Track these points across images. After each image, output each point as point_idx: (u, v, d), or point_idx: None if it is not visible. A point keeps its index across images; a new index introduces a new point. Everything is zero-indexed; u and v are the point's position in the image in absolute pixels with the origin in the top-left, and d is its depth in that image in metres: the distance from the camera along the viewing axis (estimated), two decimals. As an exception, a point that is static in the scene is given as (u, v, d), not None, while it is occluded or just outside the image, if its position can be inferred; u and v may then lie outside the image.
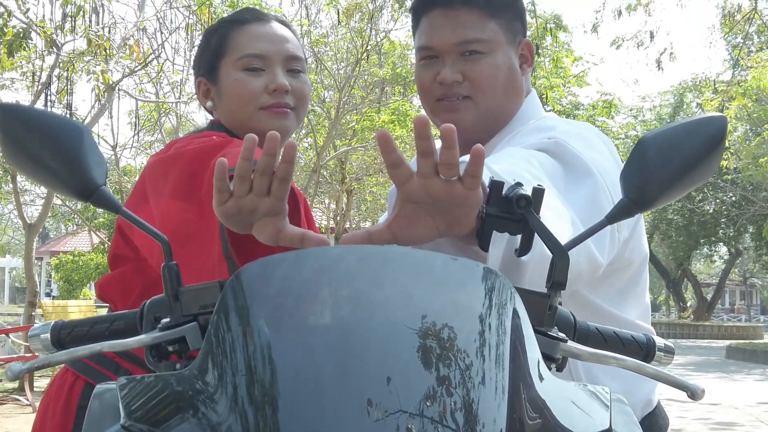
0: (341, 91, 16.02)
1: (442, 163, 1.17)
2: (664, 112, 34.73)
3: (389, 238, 1.25)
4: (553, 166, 1.61)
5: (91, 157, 1.21)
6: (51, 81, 11.38)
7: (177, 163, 1.81)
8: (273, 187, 1.30)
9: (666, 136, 1.26)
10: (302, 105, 2.02)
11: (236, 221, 1.34)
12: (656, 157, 1.24)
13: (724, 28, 16.84)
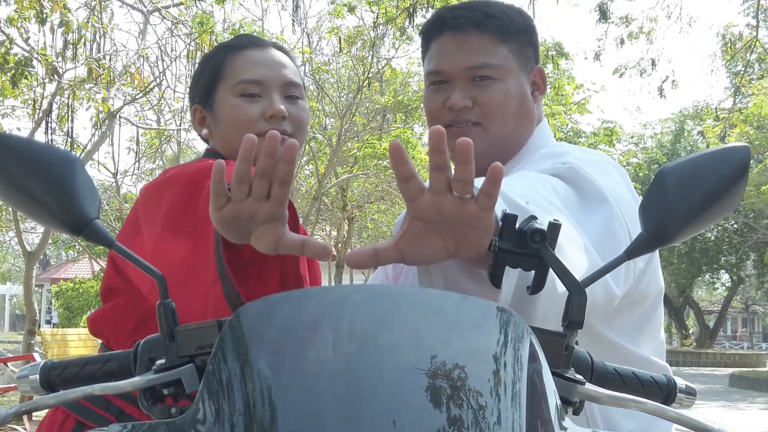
0: (343, 118, 16.00)
1: (456, 179, 1.11)
2: (665, 140, 34.76)
3: (396, 256, 1.19)
4: (566, 192, 1.56)
5: (84, 189, 1.15)
6: (52, 108, 11.35)
7: (172, 186, 1.75)
8: (273, 191, 1.24)
9: (686, 168, 1.20)
10: (300, 132, 1.97)
11: (234, 229, 1.28)
12: (676, 189, 1.18)
13: (725, 56, 16.85)
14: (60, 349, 11.01)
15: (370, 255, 1.20)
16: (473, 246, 1.17)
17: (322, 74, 16.84)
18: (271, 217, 1.26)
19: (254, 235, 1.29)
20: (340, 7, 14.61)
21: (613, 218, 1.54)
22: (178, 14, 13.08)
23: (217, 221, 1.27)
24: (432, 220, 1.16)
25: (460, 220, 1.14)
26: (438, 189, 1.12)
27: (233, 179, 1.22)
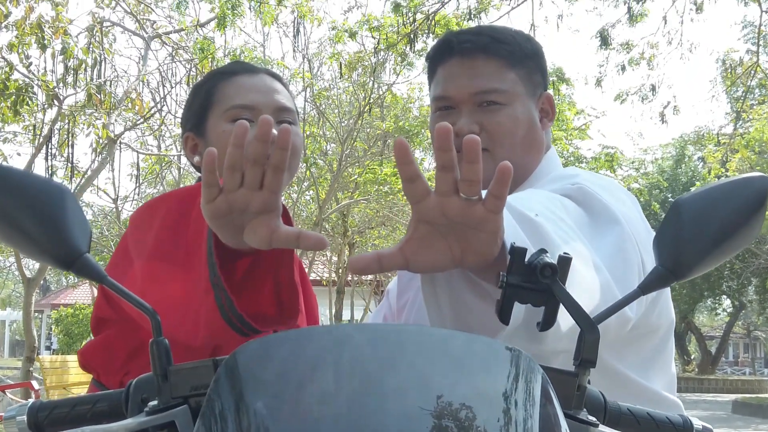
0: (343, 143, 16.00)
1: (462, 180, 1.06)
2: (666, 165, 34.76)
3: (400, 263, 1.14)
4: (576, 212, 1.51)
5: (74, 222, 1.11)
6: (52, 134, 11.33)
7: (162, 207, 1.72)
8: (266, 179, 1.20)
9: (702, 199, 1.16)
10: (293, 158, 1.91)
11: (226, 223, 1.24)
12: (692, 221, 1.14)
13: (726, 82, 16.85)
14: (59, 376, 10.92)
15: (373, 260, 1.14)
16: (480, 251, 1.12)
17: (323, 100, 16.85)
18: (264, 207, 1.22)
19: (247, 228, 1.25)
20: (340, 32, 14.63)
21: (624, 240, 1.49)
22: (179, 40, 13.11)
23: (209, 214, 1.23)
24: (438, 224, 1.11)
25: (467, 223, 1.09)
26: (444, 190, 1.07)
27: (225, 167, 1.18)
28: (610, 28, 14.23)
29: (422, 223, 1.12)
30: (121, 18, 12.72)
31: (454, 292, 1.27)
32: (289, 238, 1.24)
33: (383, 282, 23.34)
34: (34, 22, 10.08)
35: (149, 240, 1.65)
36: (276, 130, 1.83)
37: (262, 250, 1.41)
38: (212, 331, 1.48)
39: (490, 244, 1.11)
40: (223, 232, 1.27)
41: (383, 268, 1.14)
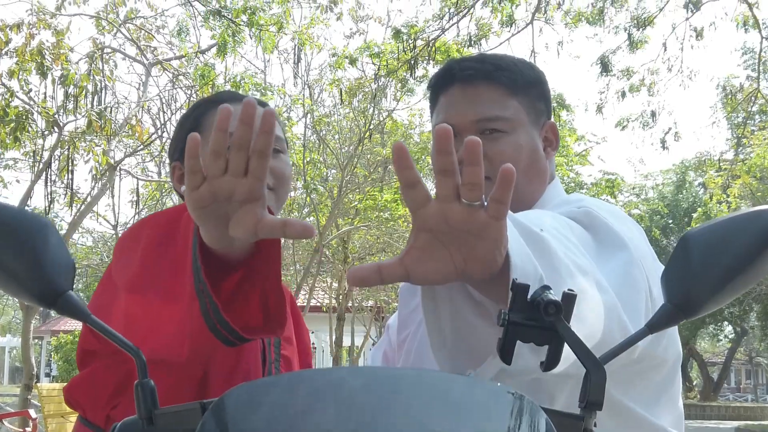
0: (344, 170, 15.98)
1: (464, 184, 1.02)
2: (667, 191, 34.73)
3: (401, 273, 1.10)
4: (583, 234, 1.47)
5: (57, 257, 1.06)
6: (52, 161, 11.32)
7: (147, 225, 1.68)
8: (251, 165, 1.16)
9: (712, 233, 1.11)
10: (282, 185, 1.87)
11: (211, 214, 1.21)
12: (701, 257, 1.09)
13: (727, 108, 16.85)
14: (57, 405, 10.83)
15: (373, 271, 1.10)
16: (483, 261, 1.08)
17: (324, 126, 16.85)
18: (249, 195, 1.19)
19: (233, 220, 1.21)
20: (341, 59, 14.65)
21: (632, 264, 1.44)
22: (180, 66, 13.12)
23: (193, 204, 1.20)
24: (439, 232, 1.07)
25: (469, 231, 1.05)
26: (445, 195, 1.04)
27: (209, 152, 1.16)
28: (611, 55, 14.25)
29: (423, 231, 1.08)
30: (122, 44, 12.75)
31: (456, 310, 1.23)
32: (274, 227, 1.20)
33: (384, 308, 23.27)
34: (35, 49, 10.09)
35: (134, 263, 1.61)
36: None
37: (251, 260, 1.39)
38: (197, 342, 1.44)
39: (493, 252, 1.07)
40: (208, 225, 1.23)
41: (383, 279, 1.10)
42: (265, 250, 1.41)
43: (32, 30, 10.22)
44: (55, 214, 16.20)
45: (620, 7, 13.74)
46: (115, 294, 1.62)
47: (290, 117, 15.03)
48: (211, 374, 1.60)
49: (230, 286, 1.43)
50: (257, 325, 1.45)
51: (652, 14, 13.66)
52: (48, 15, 10.72)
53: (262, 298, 1.46)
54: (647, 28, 13.70)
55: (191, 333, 1.42)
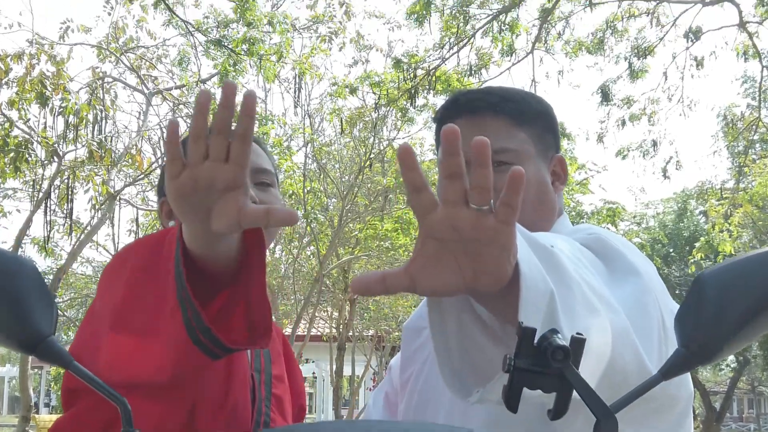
0: (344, 199, 15.95)
1: (472, 187, 0.98)
2: (668, 219, 34.67)
3: (406, 283, 1.04)
4: (594, 260, 1.42)
5: (38, 301, 1.01)
6: (51, 190, 11.29)
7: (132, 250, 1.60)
8: (232, 150, 1.13)
9: (727, 274, 1.06)
10: None
11: (192, 205, 1.17)
12: (716, 299, 1.04)
13: (728, 137, 16.84)
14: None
15: (378, 280, 1.05)
16: (491, 270, 1.03)
17: (324, 155, 16.84)
18: (231, 182, 1.15)
19: (215, 211, 1.17)
20: (341, 88, 14.65)
21: (644, 291, 1.39)
22: (180, 95, 13.12)
23: (174, 194, 1.16)
24: (446, 239, 1.02)
25: (478, 237, 1.00)
26: (452, 200, 0.99)
27: (189, 138, 1.12)
28: (611, 84, 14.26)
29: (430, 239, 1.03)
30: (122, 73, 12.76)
31: (463, 328, 1.18)
32: (258, 215, 1.16)
33: (384, 337, 23.17)
34: (35, 79, 10.09)
35: (118, 292, 1.54)
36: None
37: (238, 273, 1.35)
38: (179, 356, 1.37)
39: (502, 261, 1.02)
40: (189, 218, 1.20)
41: (387, 288, 1.05)
42: (249, 259, 1.37)
43: (32, 60, 10.22)
44: (54, 243, 16.13)
45: (620, 36, 13.77)
46: (101, 326, 1.56)
47: (290, 146, 15.02)
48: (198, 407, 1.55)
49: (217, 304, 1.39)
50: (242, 336, 1.40)
51: (653, 44, 13.69)
52: (48, 45, 10.73)
53: (246, 308, 1.41)
54: (647, 57, 13.73)
55: (173, 346, 1.37)
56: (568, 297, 1.13)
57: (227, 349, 1.37)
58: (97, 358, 1.47)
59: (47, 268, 16.68)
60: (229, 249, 1.32)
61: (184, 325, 1.33)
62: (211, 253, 1.29)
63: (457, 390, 1.18)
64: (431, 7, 12.27)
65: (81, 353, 1.47)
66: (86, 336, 1.54)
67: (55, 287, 11.74)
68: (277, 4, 13.46)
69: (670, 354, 1.46)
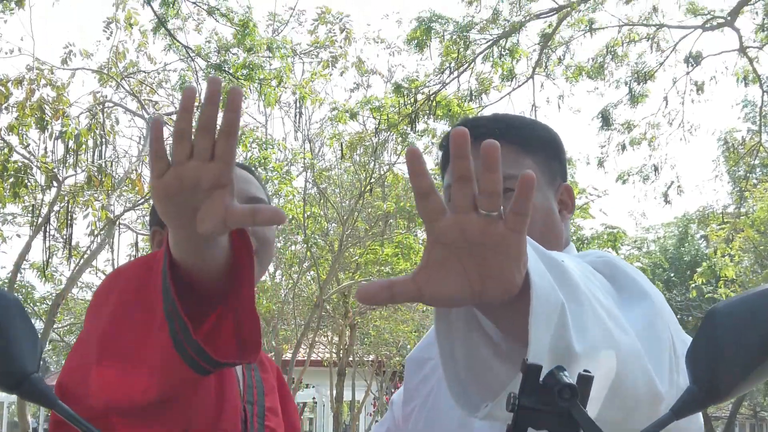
0: (344, 224, 15.91)
1: (482, 192, 0.94)
2: (669, 244, 34.61)
3: (413, 292, 1.01)
4: (604, 283, 1.37)
5: (21, 337, 0.97)
6: (50, 216, 11.26)
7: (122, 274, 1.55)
8: (218, 147, 1.11)
9: (740, 308, 1.02)
10: (265, 249, 1.80)
11: (178, 206, 1.14)
12: (729, 335, 1.00)
13: (729, 161, 16.82)
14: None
15: (384, 288, 1.02)
16: (501, 279, 0.99)
17: (324, 179, 16.83)
18: (217, 181, 1.12)
19: (201, 212, 1.14)
20: (341, 113, 14.65)
21: (655, 315, 1.34)
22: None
23: (160, 195, 1.14)
24: (455, 246, 0.99)
25: (487, 245, 0.97)
26: (461, 205, 0.96)
27: (173, 136, 1.11)
28: (612, 109, 14.26)
29: (438, 246, 1.00)
30: (123, 98, 12.75)
31: (471, 345, 1.15)
32: (244, 214, 1.13)
33: (385, 362, 23.07)
34: (35, 104, 10.08)
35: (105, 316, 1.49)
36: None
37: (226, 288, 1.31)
38: (166, 373, 1.33)
39: (512, 270, 0.99)
40: (175, 221, 1.17)
41: (394, 297, 1.02)
42: (237, 272, 1.34)
43: (32, 85, 10.21)
44: (54, 268, 16.11)
45: (620, 61, 13.78)
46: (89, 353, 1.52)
47: (290, 171, 15.00)
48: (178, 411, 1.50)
49: (207, 326, 1.35)
50: (231, 350, 1.36)
51: (653, 69, 13.70)
52: (48, 69, 10.73)
53: (235, 322, 1.38)
54: (648, 82, 13.73)
55: (159, 363, 1.32)
56: (578, 312, 1.10)
57: (216, 363, 1.33)
58: (85, 387, 1.43)
59: (46, 293, 16.61)
60: (217, 259, 1.29)
61: (171, 338, 1.29)
62: (198, 262, 1.26)
63: (464, 403, 1.15)
64: (431, 33, 12.28)
65: (69, 383, 1.44)
66: (74, 365, 1.50)
67: (54, 312, 11.70)
68: (278, 30, 13.51)
69: (681, 382, 1.42)
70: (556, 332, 1.04)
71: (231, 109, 1.09)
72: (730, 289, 16.96)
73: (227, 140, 1.11)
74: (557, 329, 1.04)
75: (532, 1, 12.61)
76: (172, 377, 1.34)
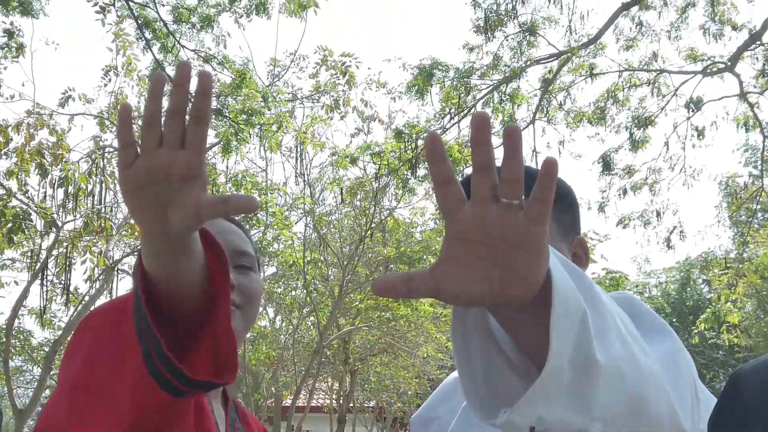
0: (345, 269, 15.85)
1: (503, 179, 0.90)
2: (671, 288, 34.52)
3: (431, 286, 0.97)
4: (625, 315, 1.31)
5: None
6: (47, 262, 11.20)
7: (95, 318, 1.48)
8: (188, 134, 1.07)
9: (765, 371, 0.95)
10: (250, 304, 1.72)
11: (148, 198, 1.09)
12: (754, 398, 0.93)
13: (732, 207, 16.77)
14: None
15: (402, 281, 0.97)
16: (522, 276, 0.95)
17: (325, 224, 16.80)
18: (188, 170, 1.08)
19: (171, 207, 1.08)
20: (342, 158, 14.65)
21: (677, 351, 1.28)
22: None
23: (128, 185, 1.09)
24: (475, 240, 0.95)
25: (507, 238, 0.93)
26: (482, 195, 0.92)
27: (142, 123, 1.06)
28: (613, 153, 14.24)
29: (457, 240, 0.96)
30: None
31: (489, 361, 1.11)
32: (216, 204, 1.08)
33: (386, 409, 22.88)
34: (34, 149, 10.06)
35: (79, 358, 1.42)
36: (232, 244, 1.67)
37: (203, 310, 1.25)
38: (138, 398, 1.26)
39: (533, 266, 0.95)
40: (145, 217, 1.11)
41: (411, 290, 0.97)
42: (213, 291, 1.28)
43: (32, 130, 10.21)
44: (52, 314, 16.01)
45: (621, 106, 13.79)
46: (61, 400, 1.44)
47: (289, 216, 14.96)
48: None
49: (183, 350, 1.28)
50: (207, 368, 1.29)
51: (654, 114, 13.71)
52: (48, 114, 10.74)
53: (212, 341, 1.30)
54: (648, 127, 13.73)
55: (130, 387, 1.26)
56: (600, 323, 1.04)
57: (190, 381, 1.25)
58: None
59: (44, 339, 16.51)
60: (190, 272, 1.23)
61: (143, 358, 1.23)
62: (172, 274, 1.20)
63: (481, 411, 1.10)
64: (432, 80, 12.30)
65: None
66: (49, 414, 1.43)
67: (52, 359, 11.61)
68: (278, 75, 13.54)
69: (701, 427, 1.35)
70: (577, 339, 0.99)
71: (201, 93, 1.05)
72: (733, 335, 16.86)
73: (198, 127, 1.07)
74: (579, 336, 0.99)
75: (532, 47, 12.61)
76: (145, 402, 1.27)
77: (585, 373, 0.98)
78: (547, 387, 0.98)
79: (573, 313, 0.99)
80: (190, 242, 1.19)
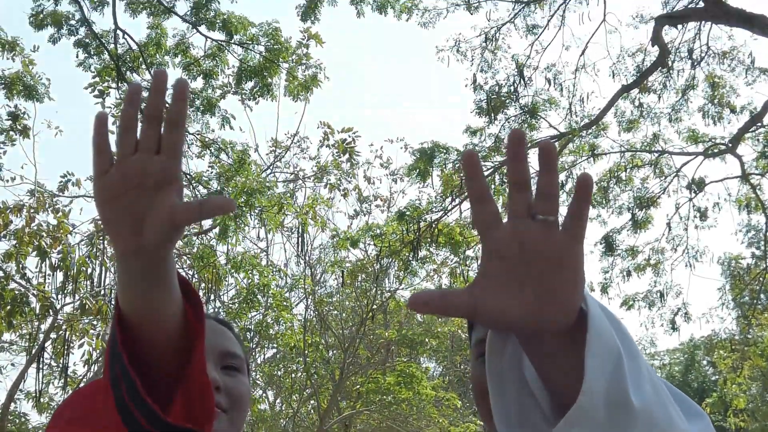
0: (346, 351, 15.71)
1: (539, 195, 0.88)
2: (675, 370, 34.22)
3: (468, 305, 0.94)
4: None
5: None
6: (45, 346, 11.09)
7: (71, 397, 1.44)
8: (164, 139, 1.06)
9: None
10: (238, 408, 1.64)
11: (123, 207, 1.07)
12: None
13: (735, 289, 16.69)
14: None
15: (439, 296, 0.94)
16: (560, 299, 0.93)
17: (326, 306, 16.71)
18: (164, 176, 1.07)
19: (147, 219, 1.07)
20: (342, 240, 14.61)
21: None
22: (181, 247, 13.05)
23: (102, 195, 1.08)
24: (512, 259, 0.93)
25: (546, 255, 0.91)
26: (518, 211, 0.92)
27: (118, 129, 1.06)
28: (615, 234, 14.19)
29: (494, 258, 0.94)
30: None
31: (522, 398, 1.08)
32: (191, 208, 1.06)
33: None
34: (33, 231, 10.03)
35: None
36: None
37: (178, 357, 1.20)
38: None
39: (571, 287, 0.93)
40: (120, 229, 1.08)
41: (447, 307, 0.94)
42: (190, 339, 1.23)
43: (32, 212, 10.19)
44: (50, 397, 15.83)
45: (624, 186, 13.79)
46: None
47: (289, 298, 14.88)
48: None
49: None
50: (179, 412, 1.23)
51: (656, 194, 13.70)
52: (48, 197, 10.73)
53: (186, 384, 1.25)
54: (650, 208, 13.72)
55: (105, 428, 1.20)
56: (633, 368, 0.98)
57: (165, 425, 1.19)
58: None
59: (40, 423, 16.29)
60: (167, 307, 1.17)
61: (117, 406, 1.18)
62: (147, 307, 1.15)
63: None
64: (433, 163, 12.32)
65: None
66: None
67: (47, 444, 11.40)
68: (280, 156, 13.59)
69: None
70: (612, 377, 0.94)
71: (177, 99, 1.05)
72: (740, 419, 16.65)
73: (173, 132, 1.06)
74: (613, 374, 0.94)
75: (534, 130, 12.66)
76: None
77: (619, 414, 0.93)
78: (580, 421, 0.93)
79: (608, 352, 0.94)
80: (166, 268, 1.15)
